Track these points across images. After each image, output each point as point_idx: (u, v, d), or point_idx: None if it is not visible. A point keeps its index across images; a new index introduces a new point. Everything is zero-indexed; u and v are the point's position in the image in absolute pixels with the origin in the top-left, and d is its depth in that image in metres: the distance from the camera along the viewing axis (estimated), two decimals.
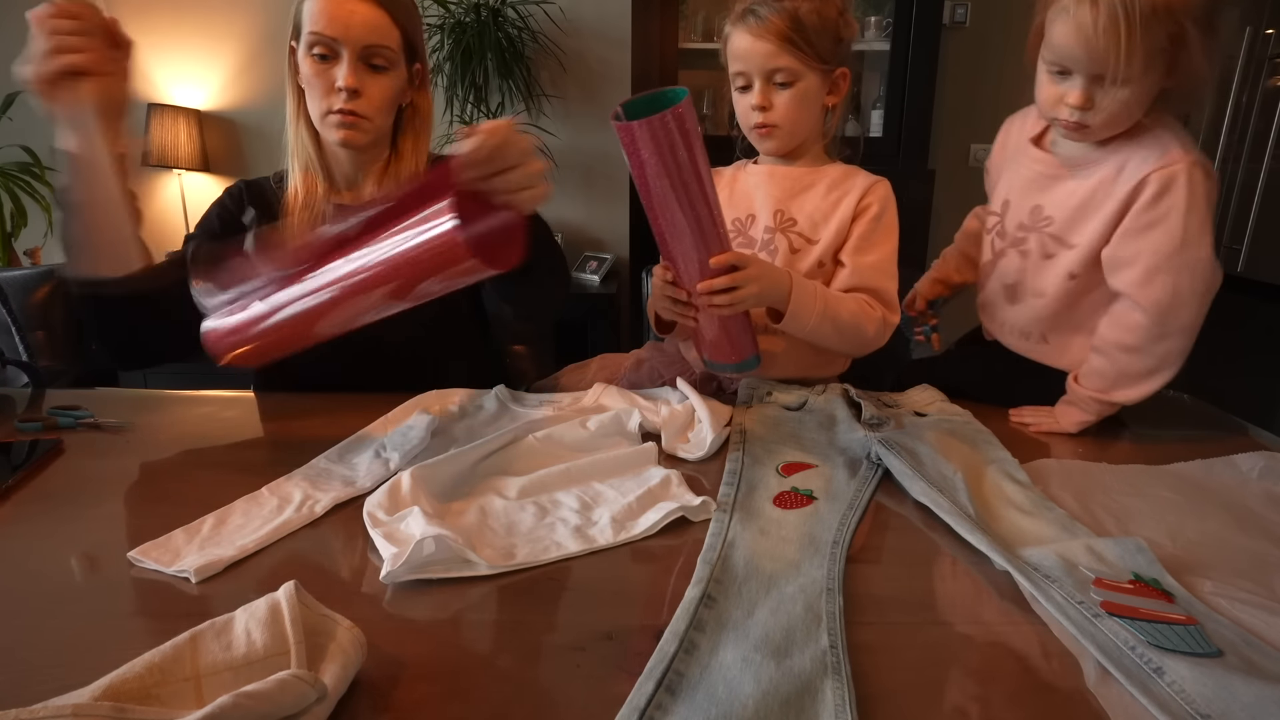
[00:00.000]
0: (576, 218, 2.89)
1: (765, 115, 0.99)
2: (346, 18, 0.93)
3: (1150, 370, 0.88)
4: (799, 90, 0.97)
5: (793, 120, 0.99)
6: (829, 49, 0.97)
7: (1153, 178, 0.84)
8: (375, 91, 0.97)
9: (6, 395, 1.01)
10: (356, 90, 0.95)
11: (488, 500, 0.69)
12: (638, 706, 0.42)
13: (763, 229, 1.05)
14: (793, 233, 1.04)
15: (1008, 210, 1.01)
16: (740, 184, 1.11)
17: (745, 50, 0.97)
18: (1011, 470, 0.76)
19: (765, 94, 0.98)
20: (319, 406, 0.96)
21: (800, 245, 1.04)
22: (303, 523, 0.66)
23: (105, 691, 0.39)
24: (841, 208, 1.02)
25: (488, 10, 2.51)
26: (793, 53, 0.95)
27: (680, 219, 0.83)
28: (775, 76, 0.97)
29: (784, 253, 1.03)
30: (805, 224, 1.04)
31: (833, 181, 1.04)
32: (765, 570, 0.58)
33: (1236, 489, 0.75)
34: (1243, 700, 0.44)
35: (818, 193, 1.04)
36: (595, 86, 2.76)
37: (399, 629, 0.52)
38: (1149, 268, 0.85)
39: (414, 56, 1.02)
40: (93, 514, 0.69)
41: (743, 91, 1.01)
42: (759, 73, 0.97)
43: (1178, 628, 0.50)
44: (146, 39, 2.74)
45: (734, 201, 1.10)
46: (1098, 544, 0.60)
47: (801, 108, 0.99)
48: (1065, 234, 0.93)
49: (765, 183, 1.07)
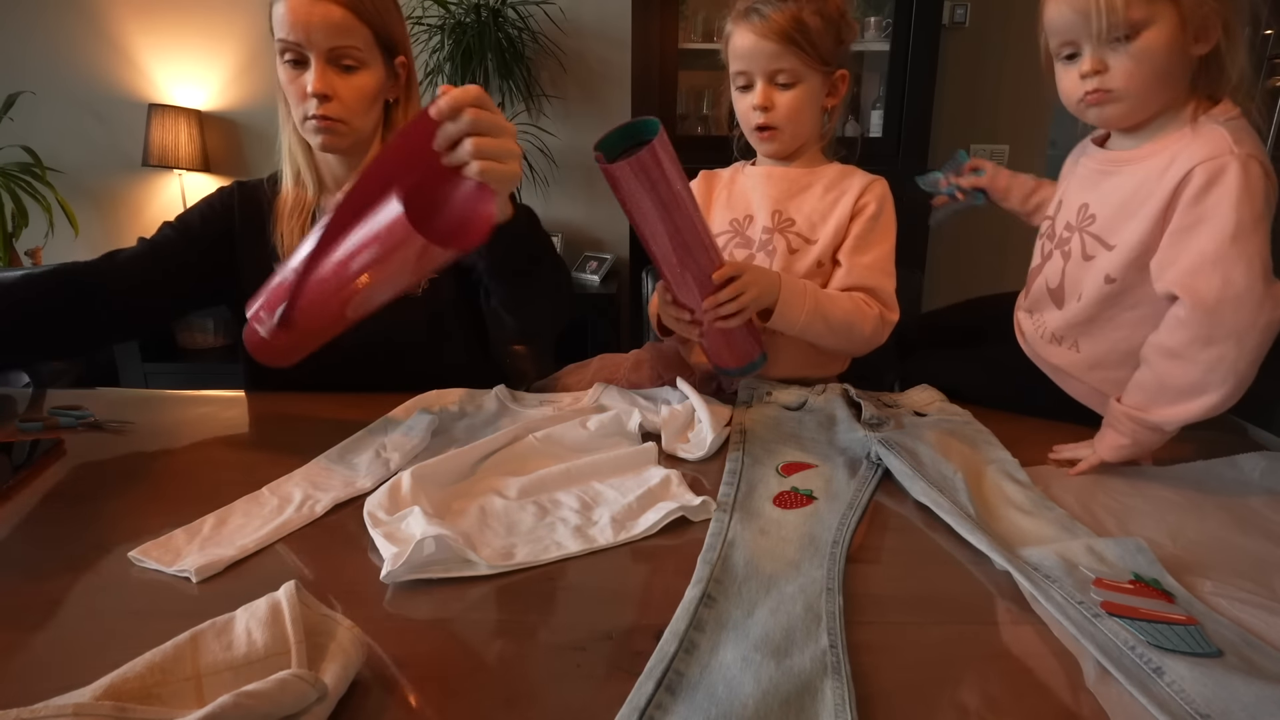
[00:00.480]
0: (576, 218, 2.89)
1: (767, 116, 0.99)
2: (307, 20, 0.91)
3: (1196, 384, 0.75)
4: (801, 91, 0.98)
5: (794, 121, 1.00)
6: (830, 50, 0.97)
7: (1198, 170, 0.74)
8: (347, 93, 0.95)
9: (7, 395, 1.01)
10: (326, 94, 0.93)
11: (488, 500, 0.69)
12: (638, 706, 0.42)
13: (760, 229, 1.06)
14: (791, 233, 1.04)
15: (1059, 211, 0.95)
16: (738, 185, 1.11)
17: (748, 49, 0.96)
18: (1011, 470, 0.76)
19: (767, 94, 0.98)
20: (319, 406, 0.96)
21: (799, 245, 1.04)
22: (303, 523, 0.66)
23: (106, 691, 0.39)
24: (839, 207, 1.03)
25: (488, 10, 2.50)
26: (796, 53, 0.95)
27: (673, 243, 0.85)
28: (778, 77, 0.97)
29: (782, 253, 1.04)
30: (803, 224, 1.04)
31: (830, 181, 1.05)
32: (765, 570, 0.58)
33: (1237, 489, 0.75)
34: (1243, 700, 0.44)
35: (815, 193, 1.05)
36: (595, 86, 2.76)
37: (399, 629, 0.52)
38: (1196, 259, 0.74)
39: (393, 51, 1.00)
40: (93, 514, 0.69)
41: (743, 91, 1.00)
42: (761, 73, 0.97)
43: (1178, 628, 0.50)
44: (146, 39, 2.75)
45: (732, 202, 1.10)
46: (1098, 544, 0.60)
47: (803, 109, 0.99)
48: (1106, 234, 0.85)
49: (763, 183, 1.07)
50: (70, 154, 2.79)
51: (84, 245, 2.80)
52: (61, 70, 2.76)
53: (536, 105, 2.70)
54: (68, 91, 2.77)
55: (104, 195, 2.87)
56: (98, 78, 2.77)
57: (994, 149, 2.82)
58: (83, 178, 2.82)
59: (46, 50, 2.74)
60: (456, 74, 2.49)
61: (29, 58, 2.73)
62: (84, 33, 2.73)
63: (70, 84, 2.77)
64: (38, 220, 2.66)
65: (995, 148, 2.82)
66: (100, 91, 2.78)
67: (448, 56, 2.51)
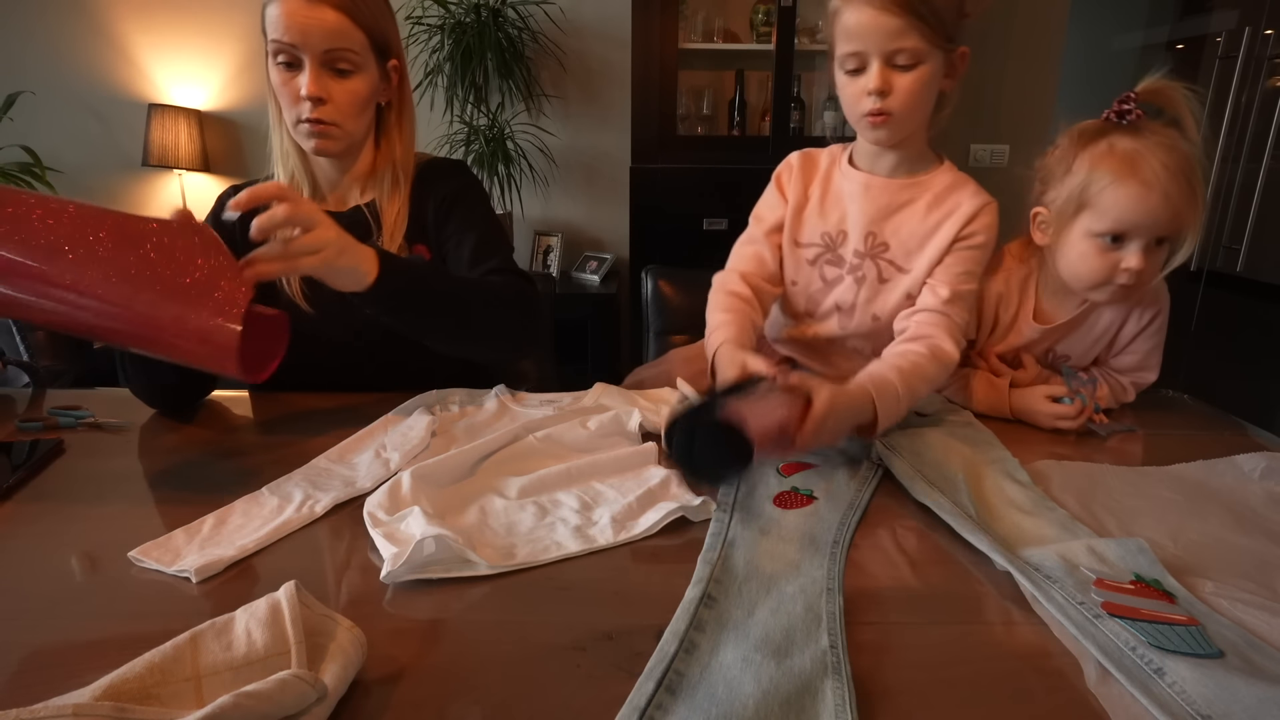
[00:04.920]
0: (576, 218, 2.89)
1: (884, 101, 0.87)
2: (304, 23, 0.89)
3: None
4: (921, 73, 0.86)
5: (909, 107, 0.88)
6: (955, 24, 0.86)
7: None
8: (342, 97, 0.94)
9: (7, 395, 1.01)
10: (321, 98, 0.92)
11: (488, 500, 0.69)
12: (638, 706, 0.42)
13: (853, 251, 0.98)
14: (883, 259, 0.97)
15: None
16: (833, 188, 1.00)
17: (865, 26, 0.84)
18: (1012, 470, 0.76)
19: (884, 77, 0.86)
20: (319, 406, 0.96)
21: (890, 275, 0.97)
22: (303, 523, 0.66)
23: (105, 691, 0.39)
24: (941, 232, 0.94)
25: (488, 10, 2.50)
26: (919, 29, 0.83)
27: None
28: (897, 58, 0.85)
29: (872, 281, 0.97)
30: (898, 250, 0.96)
31: (936, 196, 0.95)
32: (765, 570, 0.58)
33: (1238, 489, 0.75)
34: (1244, 701, 0.44)
35: (917, 211, 0.95)
36: (595, 86, 2.76)
37: (399, 629, 0.52)
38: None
39: (386, 54, 0.99)
40: (93, 514, 0.69)
41: (854, 75, 0.88)
42: (879, 53, 0.85)
43: (1179, 629, 0.50)
44: (146, 39, 2.75)
45: (825, 210, 1.00)
46: (1099, 544, 0.60)
47: (921, 93, 0.87)
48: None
49: (860, 195, 0.97)
50: (70, 154, 2.79)
51: None
52: (61, 70, 2.76)
53: (536, 105, 2.71)
54: (68, 91, 2.77)
55: (104, 195, 2.86)
56: (98, 78, 2.77)
57: (994, 149, 2.82)
58: (83, 178, 2.82)
59: (46, 50, 2.74)
60: (456, 74, 2.50)
61: (29, 58, 2.73)
62: (84, 33, 2.73)
63: (70, 84, 2.77)
64: None
65: (995, 147, 2.82)
66: (100, 91, 2.78)
67: (448, 56, 2.51)
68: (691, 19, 2.60)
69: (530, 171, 2.68)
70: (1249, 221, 2.23)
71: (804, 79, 2.63)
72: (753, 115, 2.71)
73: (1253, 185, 2.22)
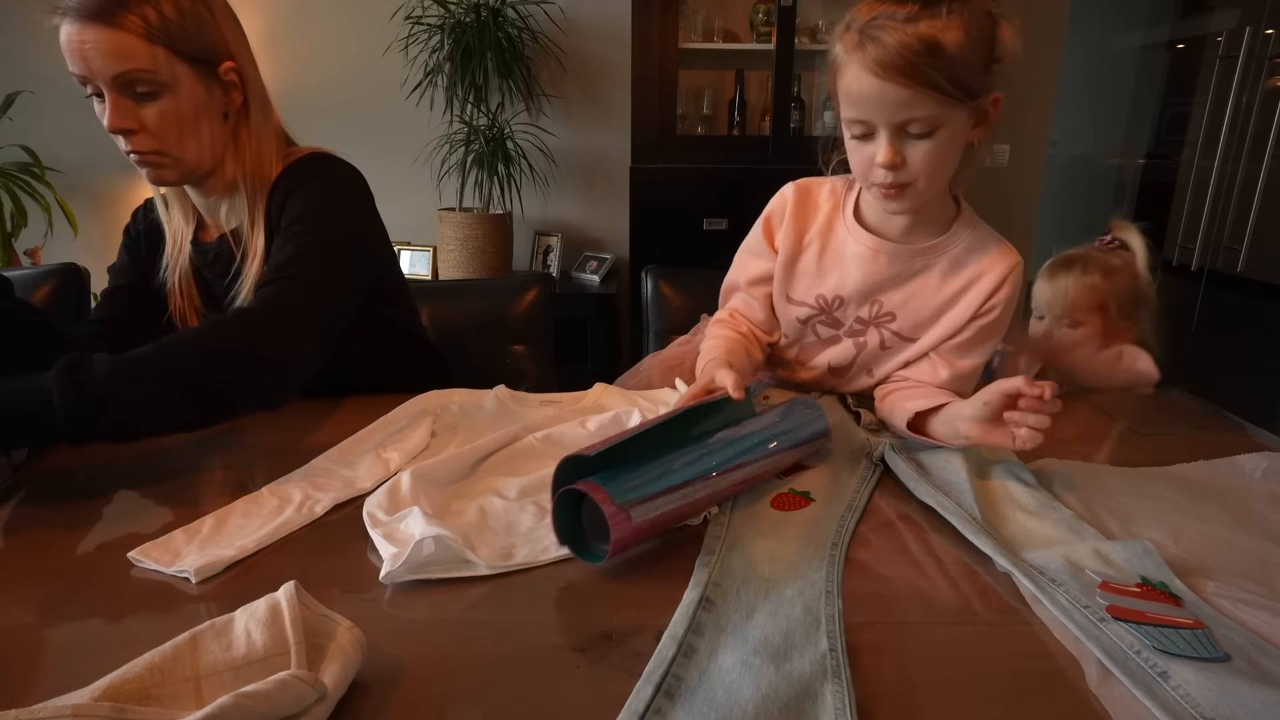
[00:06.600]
0: (576, 218, 2.89)
1: (896, 175, 0.77)
2: (80, 49, 0.80)
3: None
4: (940, 139, 0.75)
5: (930, 175, 0.77)
6: (977, 76, 0.73)
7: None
8: (153, 122, 0.84)
9: None
10: (129, 128, 0.83)
11: (488, 500, 0.69)
12: (636, 711, 0.42)
13: (854, 318, 0.89)
14: (887, 329, 0.88)
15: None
16: (835, 242, 0.89)
17: (868, 96, 0.73)
18: (1017, 470, 0.76)
19: (896, 149, 0.75)
20: (318, 407, 0.95)
21: (893, 344, 0.89)
22: (303, 523, 0.66)
23: (105, 691, 0.39)
24: (959, 306, 0.85)
25: (488, 10, 2.50)
26: (933, 96, 0.71)
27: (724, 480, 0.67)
28: (909, 127, 0.74)
29: (873, 348, 0.90)
30: (905, 321, 0.87)
31: (954, 260, 0.85)
32: (764, 573, 0.58)
33: (1239, 489, 0.75)
34: (1249, 706, 0.44)
35: (931, 280, 0.86)
36: (595, 86, 2.76)
37: (399, 629, 0.52)
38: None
39: (210, 61, 0.87)
40: (92, 514, 0.69)
41: (862, 141, 0.78)
42: (886, 124, 0.74)
43: (1185, 632, 0.50)
44: None
45: (822, 269, 0.89)
46: (1104, 547, 0.60)
47: (941, 160, 0.77)
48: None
49: (867, 261, 0.86)
50: (70, 154, 2.79)
51: (83, 245, 2.80)
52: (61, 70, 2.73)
53: (536, 105, 2.70)
54: (67, 91, 2.75)
55: (103, 195, 2.86)
56: None
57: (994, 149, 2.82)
58: (82, 178, 2.82)
59: (46, 50, 2.73)
60: (456, 73, 2.49)
61: (29, 58, 2.73)
62: None
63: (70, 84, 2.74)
64: (37, 220, 2.66)
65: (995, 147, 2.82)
66: None
67: (448, 56, 2.50)
68: (691, 19, 2.60)
69: (530, 171, 2.68)
70: (1249, 221, 2.23)
71: (804, 79, 2.63)
72: (753, 115, 2.71)
73: (1253, 185, 2.22)
